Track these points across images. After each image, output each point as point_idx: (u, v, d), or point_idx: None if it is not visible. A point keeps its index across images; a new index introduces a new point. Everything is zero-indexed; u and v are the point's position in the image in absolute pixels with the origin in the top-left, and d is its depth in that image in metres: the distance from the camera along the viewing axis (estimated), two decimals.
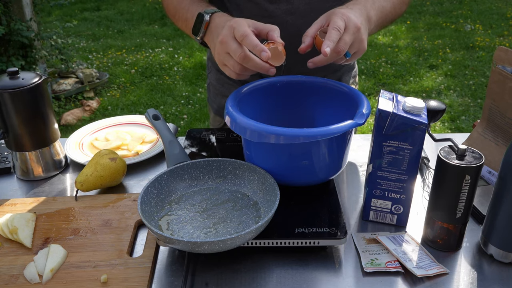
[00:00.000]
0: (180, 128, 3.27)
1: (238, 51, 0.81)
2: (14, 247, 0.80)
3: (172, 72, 4.29)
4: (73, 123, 3.40)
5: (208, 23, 0.90)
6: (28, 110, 0.95)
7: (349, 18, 0.84)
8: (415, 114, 0.75)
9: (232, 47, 0.81)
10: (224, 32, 0.83)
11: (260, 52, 0.79)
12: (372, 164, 0.80)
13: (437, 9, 5.86)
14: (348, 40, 0.83)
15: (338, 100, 0.93)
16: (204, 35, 0.92)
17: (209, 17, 0.90)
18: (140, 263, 0.76)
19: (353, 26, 0.84)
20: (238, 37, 0.81)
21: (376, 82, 3.97)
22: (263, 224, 0.71)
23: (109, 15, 6.09)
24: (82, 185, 0.92)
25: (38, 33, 3.47)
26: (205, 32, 0.91)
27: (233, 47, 0.81)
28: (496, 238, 0.75)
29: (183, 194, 0.85)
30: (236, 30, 0.81)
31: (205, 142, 1.05)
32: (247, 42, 0.80)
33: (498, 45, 4.24)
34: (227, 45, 0.82)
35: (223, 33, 0.83)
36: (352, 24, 0.84)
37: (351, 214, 0.88)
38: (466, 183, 0.72)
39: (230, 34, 0.82)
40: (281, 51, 0.83)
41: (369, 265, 0.75)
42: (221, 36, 0.83)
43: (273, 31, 0.85)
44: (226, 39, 0.82)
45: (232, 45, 0.81)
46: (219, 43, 0.83)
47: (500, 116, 0.90)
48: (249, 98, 0.92)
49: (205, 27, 0.91)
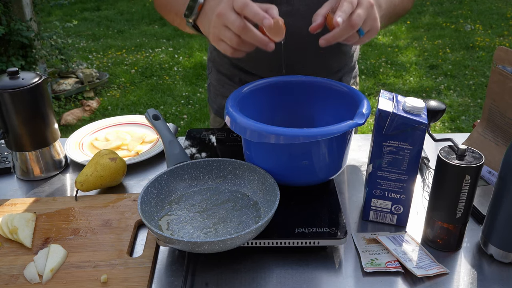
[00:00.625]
0: (180, 128, 3.27)
1: (237, 22, 0.78)
2: (14, 247, 0.80)
3: (172, 72, 4.29)
4: (73, 123, 3.40)
5: (202, 5, 0.87)
6: (28, 110, 0.95)
7: None
8: (415, 114, 0.75)
9: (230, 18, 0.78)
10: (222, 5, 0.79)
11: (262, 20, 0.76)
12: (372, 164, 0.80)
13: (437, 9, 5.86)
14: (362, 14, 0.79)
15: (338, 100, 0.93)
16: (197, 17, 0.88)
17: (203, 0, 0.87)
18: (140, 263, 0.76)
19: (366, 1, 0.80)
20: (238, 7, 0.77)
21: (376, 82, 3.97)
22: (263, 224, 0.71)
23: (109, 15, 6.09)
24: (82, 185, 0.92)
25: (38, 33, 3.47)
26: (198, 14, 0.88)
27: (231, 18, 0.78)
28: (496, 238, 0.75)
29: (183, 194, 0.85)
30: (235, 1, 0.78)
31: (205, 142, 1.05)
32: (247, 10, 0.77)
33: (498, 45, 4.24)
34: (225, 17, 0.79)
35: (221, 6, 0.80)
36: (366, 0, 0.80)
37: (351, 214, 0.88)
38: (466, 183, 0.72)
39: (229, 6, 0.79)
40: (281, 25, 0.80)
41: (369, 265, 0.75)
42: (218, 9, 0.80)
43: (272, 9, 0.82)
44: (224, 11, 0.79)
45: (231, 16, 0.78)
46: (216, 16, 0.80)
47: (500, 116, 0.90)
48: (249, 98, 0.92)
49: (198, 9, 0.87)
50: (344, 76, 1.19)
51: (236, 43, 0.80)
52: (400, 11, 1.02)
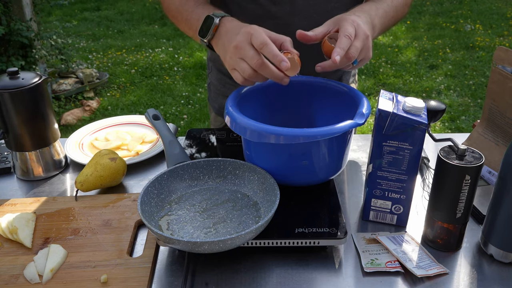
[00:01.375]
0: (180, 128, 3.27)
1: (256, 58, 0.80)
2: (14, 247, 0.80)
3: (172, 72, 4.29)
4: (73, 123, 3.40)
5: (217, 26, 0.89)
6: (28, 110, 0.95)
7: (359, 25, 0.84)
8: (415, 114, 0.75)
9: (249, 54, 0.80)
10: (239, 38, 0.81)
11: (280, 62, 0.78)
12: (372, 164, 0.80)
13: (437, 9, 5.86)
14: (359, 47, 0.83)
15: (338, 100, 0.93)
16: (212, 37, 0.91)
17: (218, 21, 0.89)
18: (140, 263, 0.76)
19: (363, 33, 0.84)
20: (257, 44, 0.79)
21: (376, 82, 3.97)
22: (263, 224, 0.71)
23: (109, 15, 6.09)
24: (82, 185, 0.92)
25: (38, 33, 3.47)
26: (213, 35, 0.90)
27: (250, 53, 0.80)
28: (496, 238, 0.75)
29: (183, 194, 0.85)
30: (254, 37, 0.80)
31: (205, 142, 1.05)
32: (267, 50, 0.79)
33: (498, 45, 4.24)
34: (243, 51, 0.81)
35: (238, 38, 0.82)
36: (362, 31, 0.84)
37: (351, 214, 0.88)
38: (466, 183, 0.72)
39: (246, 40, 0.81)
40: (297, 62, 0.82)
41: (369, 265, 0.75)
42: (236, 42, 0.82)
43: (286, 42, 0.84)
44: (242, 45, 0.81)
45: (249, 52, 0.80)
46: (233, 47, 0.82)
47: (500, 116, 0.90)
48: (249, 98, 0.92)
49: (214, 30, 0.89)
50: (344, 74, 1.20)
51: (249, 76, 0.82)
52: (395, 21, 1.04)
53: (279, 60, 0.78)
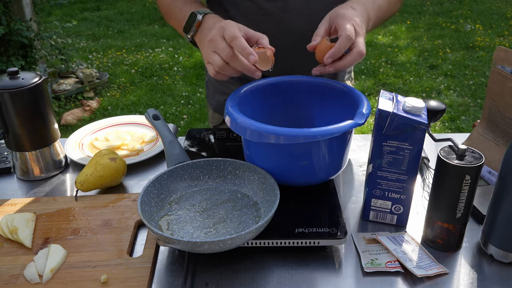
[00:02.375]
0: (180, 128, 3.27)
1: (226, 50, 0.83)
2: (14, 247, 0.80)
3: (172, 72, 4.29)
4: (73, 123, 3.40)
5: (200, 23, 0.92)
6: (28, 110, 0.95)
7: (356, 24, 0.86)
8: (415, 114, 0.75)
9: (220, 46, 0.83)
10: (213, 32, 0.85)
11: (248, 55, 0.81)
12: (372, 164, 0.80)
13: (437, 9, 5.86)
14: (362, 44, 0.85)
15: (338, 100, 0.93)
16: (195, 34, 0.94)
17: (201, 17, 0.92)
18: (140, 263, 0.76)
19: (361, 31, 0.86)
20: (228, 38, 0.82)
21: (376, 82, 3.97)
22: (263, 224, 0.71)
23: (109, 15, 6.09)
24: (82, 185, 0.92)
25: (38, 33, 3.46)
26: (196, 31, 0.93)
27: (221, 46, 0.83)
28: (496, 238, 0.75)
29: (183, 194, 0.85)
30: (226, 30, 0.83)
31: (205, 142, 1.05)
32: (236, 43, 0.81)
33: (498, 45, 4.24)
34: (216, 44, 0.84)
35: (212, 32, 0.85)
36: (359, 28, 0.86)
37: (351, 214, 0.88)
38: (466, 183, 0.72)
39: (219, 34, 0.84)
40: (269, 56, 0.84)
41: (369, 265, 0.75)
42: (210, 35, 0.85)
43: (262, 38, 0.86)
44: (215, 38, 0.84)
45: (221, 44, 0.83)
46: (208, 41, 0.85)
47: (500, 116, 0.90)
48: (249, 98, 0.92)
49: (196, 26, 0.93)
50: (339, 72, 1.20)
51: (220, 68, 0.85)
52: (387, 16, 1.05)
53: (247, 53, 0.81)
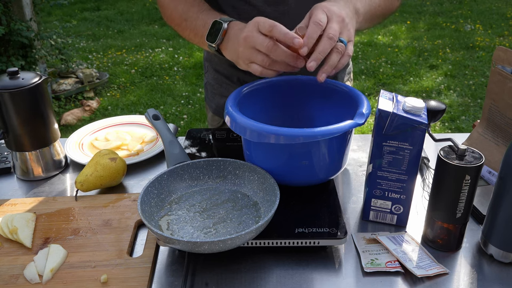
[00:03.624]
0: (180, 128, 3.27)
1: (266, 41, 0.81)
2: (14, 247, 0.80)
3: (172, 72, 4.29)
4: (73, 123, 3.40)
5: (226, 30, 0.90)
6: (28, 110, 0.95)
7: (330, 10, 0.83)
8: (415, 114, 0.75)
9: (258, 40, 0.81)
10: (247, 29, 0.83)
11: (292, 39, 0.78)
12: (372, 164, 0.80)
13: (437, 9, 5.86)
14: (336, 28, 0.81)
15: (338, 100, 0.93)
16: (221, 42, 0.91)
17: (227, 25, 0.90)
18: (140, 263, 0.76)
19: (336, 16, 0.83)
20: (266, 29, 0.80)
21: (376, 82, 3.97)
22: (263, 224, 0.71)
23: (109, 15, 6.09)
24: (82, 185, 0.92)
25: (38, 33, 3.46)
26: (222, 39, 0.91)
27: (259, 39, 0.81)
28: (496, 238, 0.75)
29: (183, 194, 0.85)
30: (261, 23, 0.81)
31: (205, 142, 1.05)
32: (276, 31, 0.79)
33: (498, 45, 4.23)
34: (253, 39, 0.82)
35: (246, 30, 0.83)
36: (335, 15, 0.83)
37: (351, 214, 0.88)
38: (466, 183, 0.72)
39: (254, 29, 0.82)
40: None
41: (369, 265, 0.75)
42: (244, 33, 0.83)
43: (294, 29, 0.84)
44: (251, 34, 0.82)
45: (259, 38, 0.81)
46: (243, 39, 0.83)
47: (500, 116, 0.90)
48: (249, 98, 0.92)
49: (223, 34, 0.90)
50: (339, 73, 1.20)
51: (267, 63, 0.83)
52: (383, 11, 1.03)
53: (291, 38, 0.79)
